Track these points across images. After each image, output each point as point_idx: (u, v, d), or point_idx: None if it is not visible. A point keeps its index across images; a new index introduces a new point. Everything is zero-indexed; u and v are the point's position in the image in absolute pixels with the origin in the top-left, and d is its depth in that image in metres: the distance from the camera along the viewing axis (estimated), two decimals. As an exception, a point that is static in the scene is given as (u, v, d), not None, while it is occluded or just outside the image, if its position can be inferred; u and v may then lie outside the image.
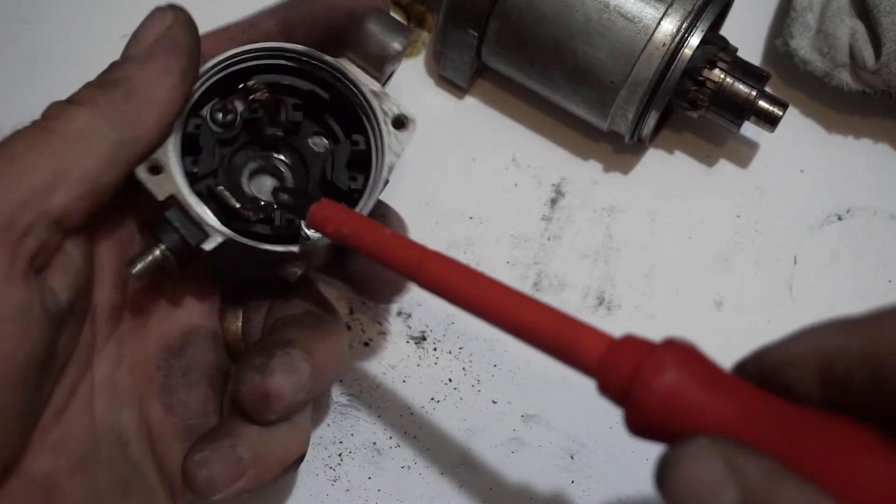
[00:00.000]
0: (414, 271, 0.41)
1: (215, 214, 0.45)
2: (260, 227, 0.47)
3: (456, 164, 0.61)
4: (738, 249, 0.60)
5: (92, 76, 0.61)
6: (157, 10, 0.45)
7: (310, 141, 0.49)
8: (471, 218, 0.60)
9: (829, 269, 0.59)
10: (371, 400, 0.56)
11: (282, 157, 0.50)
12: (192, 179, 0.46)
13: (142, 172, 0.44)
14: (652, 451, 0.55)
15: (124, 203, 0.47)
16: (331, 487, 0.54)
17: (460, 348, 0.57)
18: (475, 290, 0.40)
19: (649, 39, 0.54)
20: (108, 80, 0.43)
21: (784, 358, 0.35)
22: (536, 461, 0.55)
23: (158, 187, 0.44)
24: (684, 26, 0.54)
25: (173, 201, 0.44)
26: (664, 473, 0.33)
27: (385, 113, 0.48)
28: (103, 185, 0.42)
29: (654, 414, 0.34)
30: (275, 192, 0.47)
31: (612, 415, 0.55)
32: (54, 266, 0.42)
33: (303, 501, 0.54)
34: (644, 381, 0.34)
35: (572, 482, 0.54)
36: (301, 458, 0.47)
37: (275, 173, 0.50)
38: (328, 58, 0.48)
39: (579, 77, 0.56)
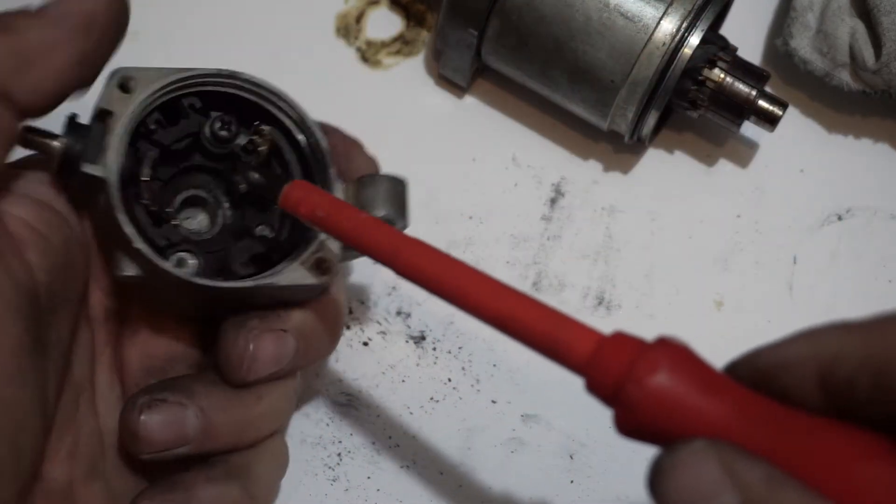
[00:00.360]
0: (391, 258, 0.39)
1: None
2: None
3: (455, 163, 0.61)
4: (738, 249, 0.60)
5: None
6: None
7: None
8: (470, 217, 0.60)
9: (829, 269, 0.59)
10: (370, 400, 0.56)
11: (221, 194, 0.48)
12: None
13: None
14: (650, 451, 0.55)
15: None
16: (330, 487, 0.54)
17: (460, 348, 0.57)
18: (454, 279, 0.38)
19: (649, 39, 0.54)
20: (2, 23, 0.39)
21: (780, 361, 0.34)
22: (536, 461, 0.55)
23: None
24: (684, 26, 0.54)
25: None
26: (658, 478, 0.32)
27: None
28: (5, 146, 0.40)
29: (646, 414, 0.33)
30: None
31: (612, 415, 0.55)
32: (28, 244, 0.40)
33: (302, 501, 0.54)
34: (637, 381, 0.32)
35: (572, 482, 0.54)
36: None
37: (209, 208, 0.48)
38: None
39: (579, 76, 0.56)
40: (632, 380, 0.33)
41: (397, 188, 0.47)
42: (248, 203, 0.47)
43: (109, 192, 0.42)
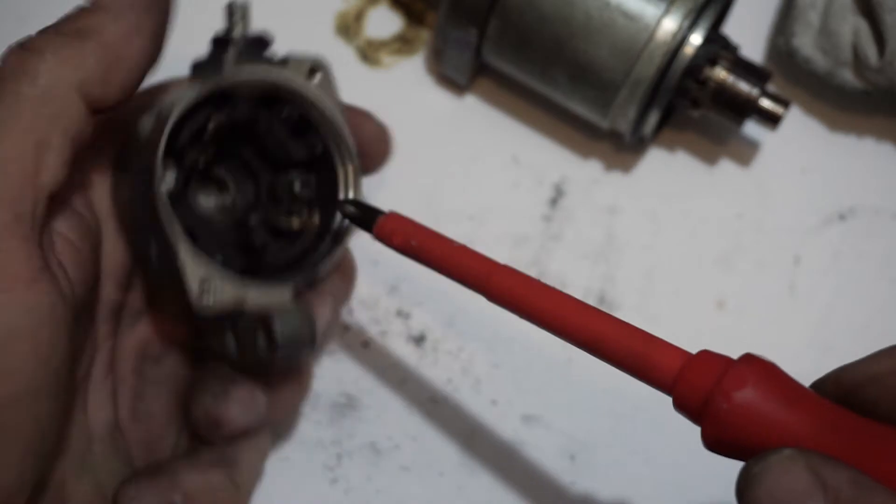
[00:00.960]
0: (483, 285, 0.41)
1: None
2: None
3: (456, 163, 0.61)
4: (739, 249, 0.59)
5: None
6: None
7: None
8: (471, 217, 0.60)
9: (831, 269, 0.59)
10: (370, 401, 0.55)
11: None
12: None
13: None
14: (651, 452, 0.55)
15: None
16: (329, 489, 0.54)
17: (460, 348, 0.57)
18: (545, 304, 0.40)
19: (650, 38, 0.54)
20: (75, 29, 0.39)
21: (866, 376, 0.35)
22: (537, 462, 0.54)
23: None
24: (686, 24, 0.54)
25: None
26: (748, 484, 0.33)
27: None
28: (80, 146, 0.39)
29: (733, 428, 0.34)
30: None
31: (613, 416, 0.55)
32: (67, 259, 0.40)
33: (301, 502, 0.53)
34: (725, 394, 0.34)
35: (573, 483, 0.54)
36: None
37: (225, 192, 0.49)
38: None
39: (580, 75, 0.56)
40: (720, 394, 0.34)
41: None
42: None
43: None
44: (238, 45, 0.44)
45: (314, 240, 0.49)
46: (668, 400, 0.38)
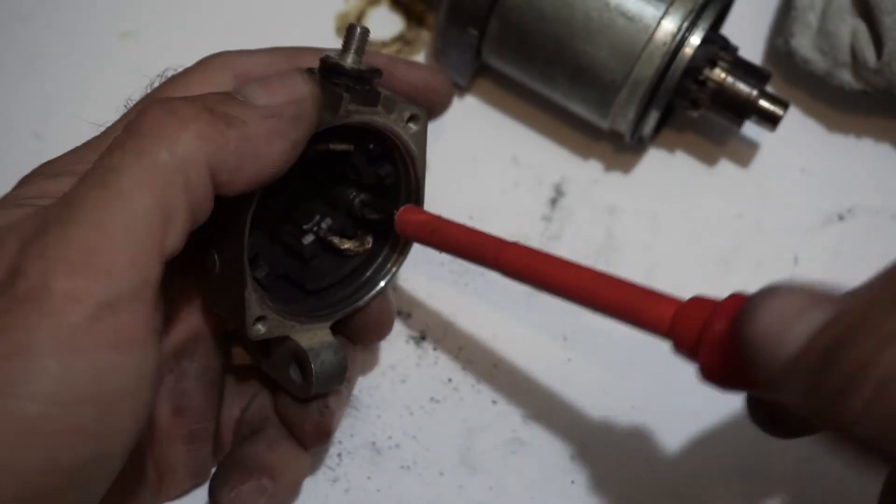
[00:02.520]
0: (494, 258, 0.45)
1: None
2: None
3: (456, 163, 0.61)
4: (738, 249, 0.60)
5: (90, 73, 0.62)
6: (299, 73, 0.42)
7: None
8: (471, 217, 0.60)
9: (830, 270, 0.59)
10: (370, 400, 0.56)
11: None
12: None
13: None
14: (650, 452, 0.55)
15: None
16: (330, 488, 0.54)
17: (460, 348, 0.57)
18: (551, 271, 0.43)
19: (650, 38, 0.54)
20: (223, 114, 0.39)
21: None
22: (537, 461, 0.55)
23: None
24: (685, 25, 0.54)
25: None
26: (745, 315, 0.33)
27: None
28: (197, 222, 0.39)
29: (729, 351, 0.36)
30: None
31: (612, 415, 0.55)
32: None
33: (302, 501, 0.54)
34: (718, 319, 0.36)
35: (572, 482, 0.54)
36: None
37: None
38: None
39: (580, 76, 0.56)
40: (714, 321, 0.36)
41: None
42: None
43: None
44: (351, 79, 0.44)
45: (362, 264, 0.50)
46: (666, 400, 0.39)
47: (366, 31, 0.44)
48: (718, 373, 0.37)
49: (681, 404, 0.53)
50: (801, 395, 0.32)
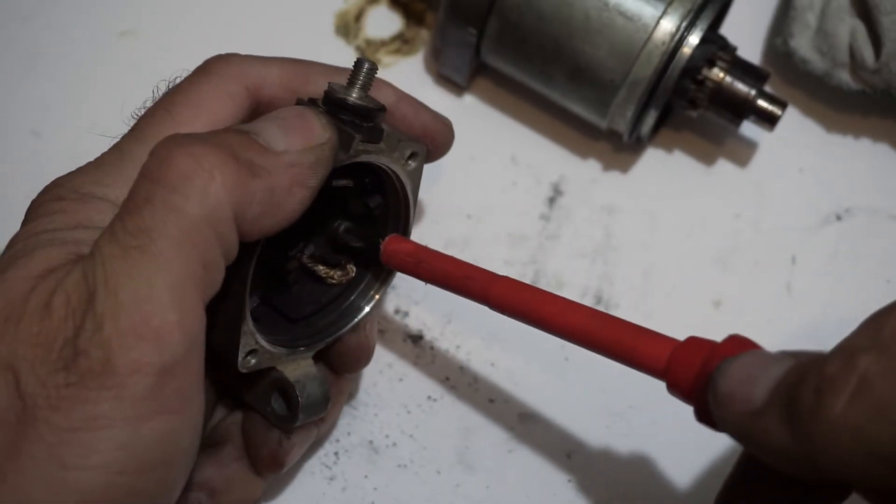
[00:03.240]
0: (483, 293, 0.44)
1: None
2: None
3: (454, 162, 0.61)
4: (737, 249, 0.60)
5: (92, 73, 0.62)
6: (315, 118, 0.42)
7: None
8: (469, 216, 0.60)
9: (828, 269, 0.59)
10: (368, 398, 0.56)
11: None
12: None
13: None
14: (647, 450, 0.55)
15: None
16: (327, 486, 0.54)
17: (457, 347, 0.57)
18: (542, 308, 0.43)
19: (649, 38, 0.54)
20: (248, 162, 0.39)
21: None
22: (533, 460, 0.55)
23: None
24: (684, 25, 0.54)
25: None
26: (715, 377, 0.35)
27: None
28: (226, 264, 0.39)
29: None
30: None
31: (609, 414, 0.55)
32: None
33: (299, 500, 0.54)
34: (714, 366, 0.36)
35: (569, 481, 0.54)
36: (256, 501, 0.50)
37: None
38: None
39: (578, 75, 0.56)
40: (710, 366, 0.36)
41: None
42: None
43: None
44: (357, 115, 0.44)
45: (344, 292, 0.50)
46: (664, 399, 0.39)
47: (374, 67, 0.44)
48: (713, 418, 0.37)
49: (678, 404, 0.53)
50: (776, 440, 0.34)
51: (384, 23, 0.64)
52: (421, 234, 0.58)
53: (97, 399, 0.35)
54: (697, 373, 0.37)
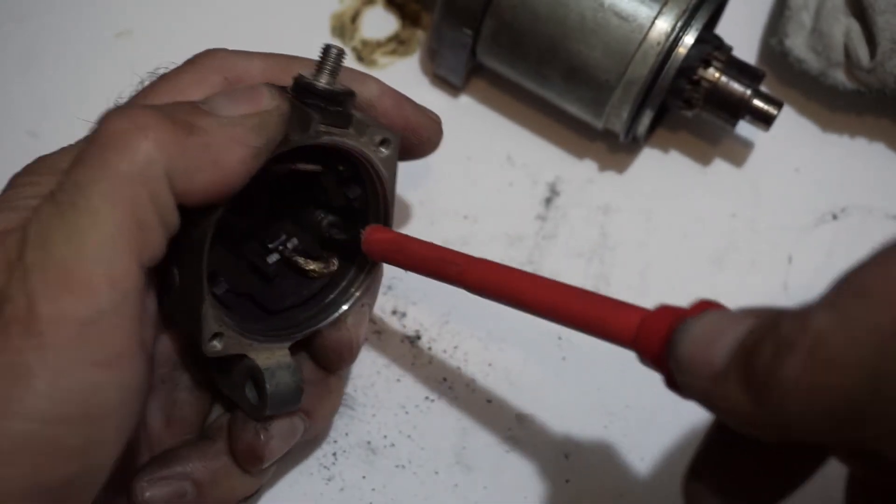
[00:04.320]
0: (459, 277, 0.44)
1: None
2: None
3: (451, 162, 0.61)
4: (733, 248, 0.60)
5: (88, 74, 0.62)
6: (266, 87, 0.42)
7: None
8: (465, 217, 0.60)
9: (824, 269, 0.59)
10: (365, 399, 0.56)
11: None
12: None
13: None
14: (644, 450, 0.55)
15: None
16: (325, 486, 0.54)
17: (455, 347, 0.57)
18: (514, 286, 0.42)
19: (644, 38, 0.54)
20: (185, 122, 0.39)
21: None
22: (531, 460, 0.55)
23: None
24: (679, 25, 0.54)
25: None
26: (675, 338, 0.34)
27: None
28: (171, 231, 0.40)
29: None
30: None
31: (607, 414, 0.55)
32: (146, 323, 0.41)
33: (297, 500, 0.54)
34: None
35: (567, 481, 0.54)
36: (247, 497, 0.50)
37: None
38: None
39: (574, 76, 0.56)
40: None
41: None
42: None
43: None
44: (323, 100, 0.44)
45: (326, 287, 0.50)
46: (662, 398, 0.39)
47: (341, 53, 0.44)
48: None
49: (675, 403, 0.53)
50: (734, 402, 0.33)
51: (380, 24, 0.65)
52: (418, 234, 0.58)
53: (20, 348, 0.35)
54: (663, 338, 0.36)
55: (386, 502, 0.54)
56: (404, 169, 0.60)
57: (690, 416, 0.55)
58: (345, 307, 0.49)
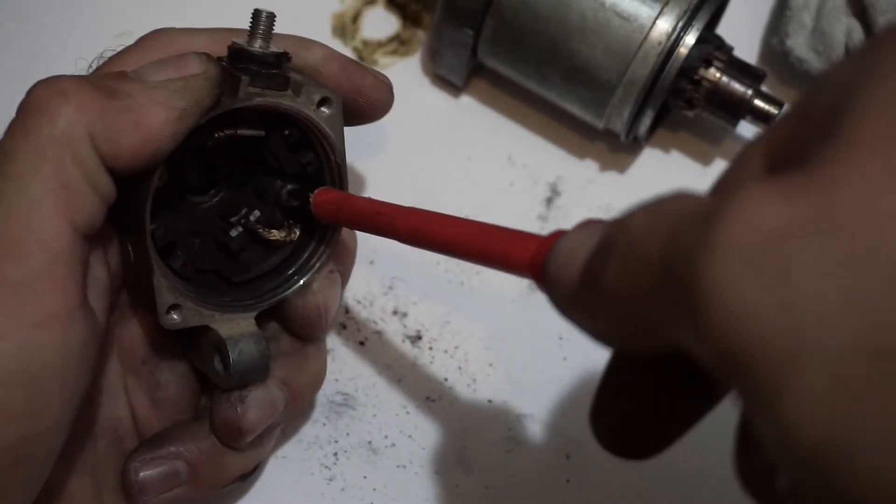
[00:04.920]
0: (391, 228, 0.44)
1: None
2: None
3: (451, 162, 0.61)
4: (734, 248, 0.60)
5: (87, 73, 0.62)
6: (195, 55, 0.43)
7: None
8: (466, 217, 0.60)
9: (825, 269, 0.59)
10: (366, 399, 0.56)
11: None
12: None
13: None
14: (648, 451, 0.55)
15: None
16: (326, 487, 0.54)
17: (456, 347, 0.57)
18: (433, 228, 0.42)
19: (645, 38, 0.54)
20: (108, 87, 0.40)
21: None
22: (532, 460, 0.55)
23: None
24: (680, 25, 0.54)
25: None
26: (546, 261, 0.33)
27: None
28: (105, 197, 0.40)
29: None
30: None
31: (608, 414, 0.55)
32: (95, 291, 0.42)
33: (298, 500, 0.54)
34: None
35: (568, 481, 0.54)
36: (245, 476, 0.50)
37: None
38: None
39: (575, 76, 0.56)
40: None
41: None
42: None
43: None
44: (257, 63, 0.44)
45: (289, 257, 0.50)
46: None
47: (272, 16, 0.45)
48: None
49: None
50: (590, 322, 0.32)
51: (381, 24, 0.65)
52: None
53: None
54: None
55: (387, 502, 0.54)
56: (404, 169, 0.60)
57: (691, 416, 0.55)
58: (308, 274, 0.49)
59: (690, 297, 0.26)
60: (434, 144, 0.61)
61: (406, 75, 0.63)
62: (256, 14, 0.45)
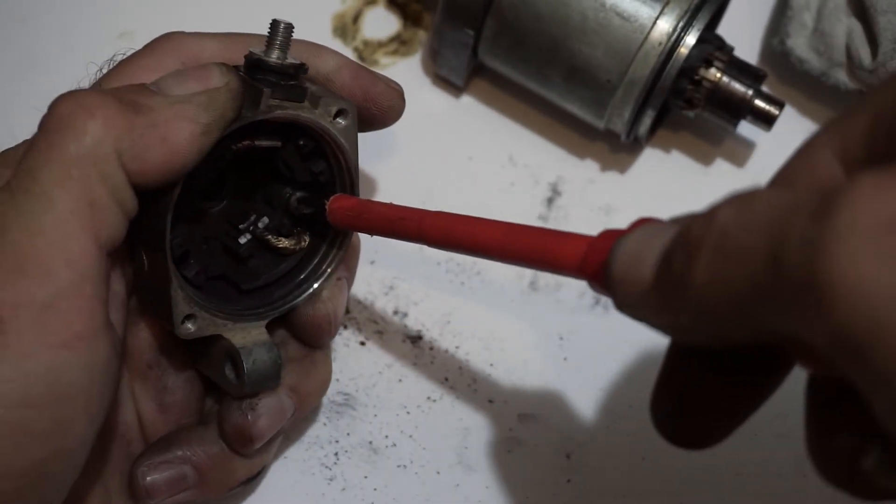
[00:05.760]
0: (417, 232, 0.43)
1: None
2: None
3: (452, 162, 0.61)
4: (734, 248, 0.60)
5: (90, 75, 0.62)
6: (216, 66, 0.42)
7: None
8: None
9: (825, 269, 0.59)
10: (367, 399, 0.56)
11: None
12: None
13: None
14: (646, 452, 0.55)
15: None
16: (327, 486, 0.54)
17: (457, 347, 0.57)
18: (468, 231, 0.42)
19: (645, 38, 0.54)
20: (132, 102, 0.40)
21: None
22: (533, 460, 0.55)
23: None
24: (680, 25, 0.54)
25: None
26: (611, 254, 0.34)
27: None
28: (129, 213, 0.40)
29: None
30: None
31: (609, 414, 0.55)
32: (113, 306, 0.41)
33: (298, 500, 0.54)
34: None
35: (568, 481, 0.54)
36: (250, 479, 0.50)
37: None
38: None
39: (575, 76, 0.56)
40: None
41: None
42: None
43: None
44: (275, 74, 0.44)
45: (299, 264, 0.50)
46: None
47: (290, 27, 0.44)
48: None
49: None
50: (667, 317, 0.32)
51: (382, 24, 0.65)
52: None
53: None
54: (604, 260, 0.34)
55: (388, 502, 0.54)
56: (405, 169, 0.60)
57: (692, 417, 0.55)
58: (319, 282, 0.49)
59: (810, 284, 0.26)
60: (435, 144, 0.61)
61: (407, 75, 0.63)
62: (274, 24, 0.44)
